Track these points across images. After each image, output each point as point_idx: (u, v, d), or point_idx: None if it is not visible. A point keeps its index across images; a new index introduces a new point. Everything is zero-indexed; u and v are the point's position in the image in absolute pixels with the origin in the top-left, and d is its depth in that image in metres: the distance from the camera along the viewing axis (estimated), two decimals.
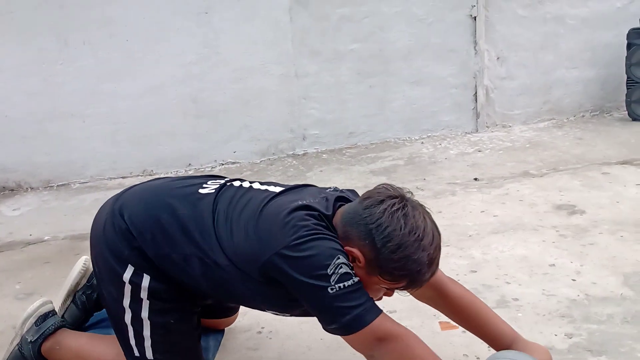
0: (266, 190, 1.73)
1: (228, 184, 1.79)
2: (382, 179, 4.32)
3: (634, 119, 5.40)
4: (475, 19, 5.42)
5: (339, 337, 1.50)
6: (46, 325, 1.86)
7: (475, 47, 5.50)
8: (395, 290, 1.67)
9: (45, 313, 1.90)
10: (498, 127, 5.72)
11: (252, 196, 1.70)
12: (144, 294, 1.70)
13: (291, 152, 5.41)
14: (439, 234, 1.62)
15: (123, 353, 1.81)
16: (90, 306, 2.14)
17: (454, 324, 2.15)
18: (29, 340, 1.84)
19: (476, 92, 5.60)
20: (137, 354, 1.77)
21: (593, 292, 2.30)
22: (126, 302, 1.71)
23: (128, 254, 1.70)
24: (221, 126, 5.32)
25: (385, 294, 1.68)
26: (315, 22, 5.27)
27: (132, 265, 1.69)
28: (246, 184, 1.78)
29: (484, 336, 1.84)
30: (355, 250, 1.54)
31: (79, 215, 4.24)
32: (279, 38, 5.26)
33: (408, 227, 1.52)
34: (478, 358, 1.93)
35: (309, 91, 5.39)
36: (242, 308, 2.39)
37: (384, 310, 1.41)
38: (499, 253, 2.77)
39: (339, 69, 5.40)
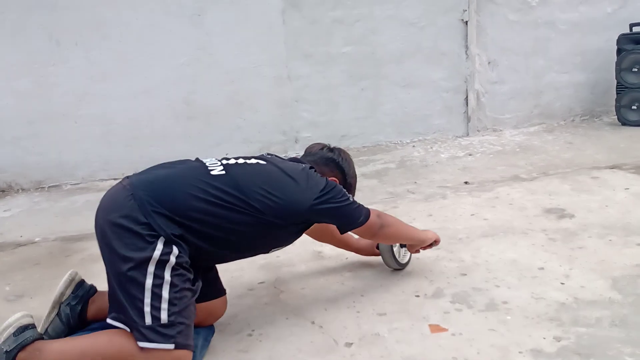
0: (258, 162, 2.20)
1: (224, 162, 2.14)
2: (374, 182, 4.33)
3: (624, 124, 5.44)
4: (466, 23, 5.45)
5: (329, 340, 1.50)
6: (24, 336, 1.85)
7: (466, 51, 5.53)
8: None
9: (25, 325, 1.89)
10: (489, 131, 5.75)
11: (259, 167, 2.17)
12: (172, 260, 1.87)
13: (283, 155, 5.40)
14: None
15: (126, 335, 1.84)
16: (74, 321, 2.16)
17: (444, 327, 2.16)
18: (4, 350, 1.83)
19: (467, 96, 5.63)
20: (149, 321, 1.82)
21: (582, 296, 2.31)
22: (151, 268, 1.84)
23: (163, 227, 1.89)
24: (213, 128, 5.32)
25: None
26: (308, 25, 5.29)
27: (164, 236, 1.88)
28: (240, 161, 2.19)
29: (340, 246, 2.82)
30: (333, 177, 2.32)
31: (70, 216, 4.23)
32: (272, 40, 5.27)
33: (350, 159, 2.49)
34: None
35: (301, 93, 5.40)
36: (230, 309, 2.40)
37: (375, 312, 1.40)
38: (488, 256, 2.78)
39: (331, 71, 5.42)
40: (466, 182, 4.11)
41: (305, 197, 2.08)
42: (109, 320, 1.91)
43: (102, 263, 1.96)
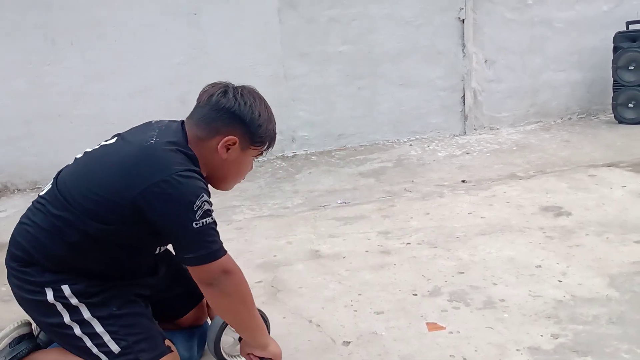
0: (102, 145, 1.85)
1: (60, 171, 1.86)
2: (371, 181, 4.33)
3: (620, 122, 5.45)
4: (463, 22, 5.45)
5: (327, 338, 1.51)
6: (20, 348, 1.83)
7: (463, 49, 5.53)
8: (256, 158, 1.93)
9: (22, 335, 1.87)
10: (486, 130, 5.75)
11: (94, 154, 1.81)
12: (74, 301, 1.72)
13: (280, 154, 5.41)
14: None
15: None
16: None
17: (441, 324, 2.16)
18: None
19: (464, 95, 5.63)
20: (105, 359, 1.73)
21: (579, 293, 2.31)
22: (67, 319, 1.72)
23: (35, 278, 1.72)
24: None
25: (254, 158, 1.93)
26: (304, 24, 5.28)
27: (46, 286, 1.71)
28: (79, 155, 1.88)
29: None
30: (228, 137, 1.77)
31: None
32: (268, 40, 5.26)
33: (256, 100, 1.82)
34: (465, 359, 1.94)
35: (298, 93, 5.40)
36: None
37: (372, 310, 1.41)
38: (486, 254, 2.78)
39: (328, 70, 5.41)
40: (463, 181, 4.11)
41: (132, 184, 1.62)
42: None
43: None
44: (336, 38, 5.36)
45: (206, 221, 1.62)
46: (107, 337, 1.72)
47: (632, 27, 5.44)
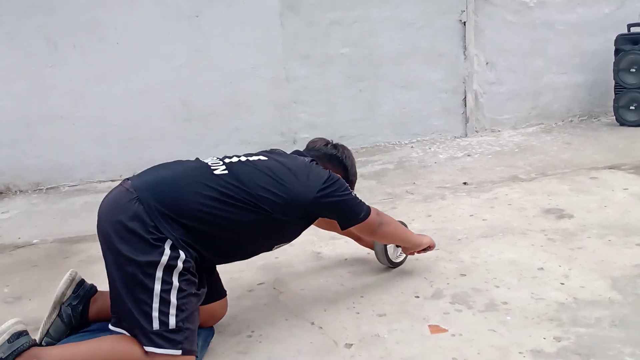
0: (260, 159, 2.21)
1: (227, 161, 2.16)
2: (372, 183, 4.33)
3: (622, 124, 5.45)
4: (464, 24, 5.45)
5: (329, 341, 1.50)
6: (19, 343, 1.82)
7: (464, 52, 5.53)
8: None
9: (19, 331, 1.87)
10: (487, 132, 5.75)
11: (261, 164, 2.17)
12: (179, 265, 1.87)
13: None
14: None
15: (130, 340, 1.83)
16: (76, 320, 2.13)
17: (444, 327, 2.16)
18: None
19: (465, 97, 5.63)
20: (156, 326, 1.82)
21: (581, 296, 2.31)
22: (159, 273, 1.84)
23: (168, 231, 1.89)
24: (211, 129, 5.31)
25: None
26: (306, 26, 5.28)
27: (170, 241, 1.88)
28: (243, 158, 2.20)
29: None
30: (336, 174, 2.28)
31: (68, 218, 4.22)
32: (270, 42, 5.27)
33: (352, 157, 2.54)
34: None
35: (299, 95, 5.40)
36: (229, 311, 2.39)
37: (375, 313, 1.40)
38: (488, 257, 2.78)
39: (329, 73, 5.41)
40: (465, 183, 4.11)
41: (308, 190, 2.10)
42: (111, 327, 1.90)
43: (101, 264, 1.95)
44: (337, 40, 5.36)
45: (351, 190, 2.25)
46: (173, 310, 1.85)
47: (633, 29, 5.44)
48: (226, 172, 2.06)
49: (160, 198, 1.92)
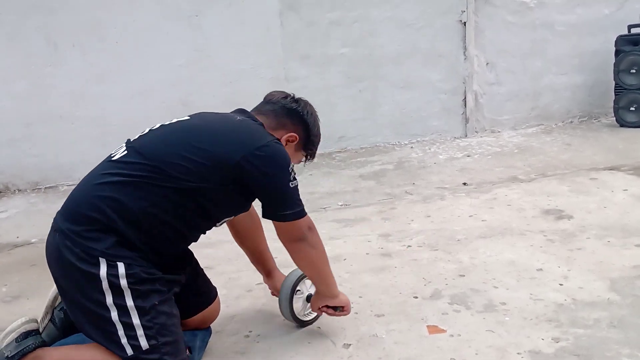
0: (179, 121, 1.99)
1: (135, 137, 1.97)
2: (372, 183, 4.33)
3: (622, 125, 5.45)
4: (464, 25, 5.45)
5: (327, 341, 1.50)
6: (26, 343, 1.82)
7: (464, 52, 5.53)
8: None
9: (28, 331, 1.87)
10: (487, 133, 5.75)
11: (176, 129, 1.94)
12: (124, 282, 1.72)
13: None
14: None
15: None
16: (68, 324, 2.10)
17: (442, 327, 2.16)
18: (6, 355, 1.80)
19: (465, 97, 5.63)
20: (130, 352, 1.74)
21: (580, 297, 2.31)
22: (109, 300, 1.72)
23: (97, 246, 1.73)
24: None
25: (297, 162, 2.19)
26: (305, 26, 5.28)
27: (102, 257, 1.72)
28: (155, 126, 2.00)
29: (254, 257, 2.41)
30: (293, 133, 2.07)
31: None
32: (270, 42, 5.27)
33: (317, 116, 2.22)
34: None
35: (299, 95, 5.35)
36: (227, 311, 2.39)
37: (373, 313, 1.41)
38: (486, 257, 2.78)
39: (329, 73, 5.41)
40: (464, 184, 4.11)
41: (235, 149, 1.81)
42: None
43: None
44: (337, 40, 5.36)
45: (296, 183, 1.89)
46: (140, 332, 1.74)
47: (633, 30, 5.44)
48: (125, 152, 1.88)
49: (68, 217, 1.80)
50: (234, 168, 1.80)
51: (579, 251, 2.77)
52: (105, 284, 1.71)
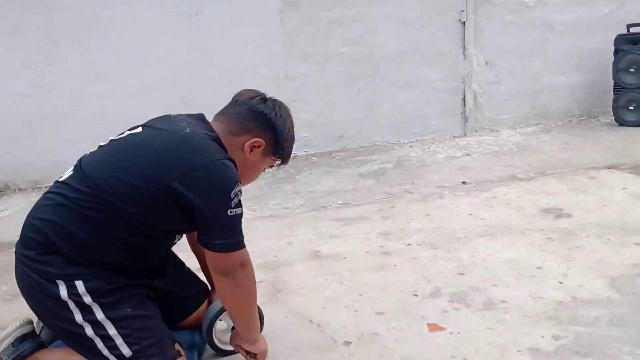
0: (130, 133, 1.83)
1: (80, 158, 1.84)
2: (371, 182, 4.33)
3: (621, 124, 5.45)
4: (464, 24, 5.46)
5: (328, 338, 1.51)
6: (23, 347, 1.81)
7: (464, 51, 5.54)
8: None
9: (25, 334, 1.85)
10: (486, 132, 5.75)
11: (126, 141, 1.80)
12: (88, 299, 1.68)
13: None
14: None
15: None
16: None
17: (442, 325, 2.16)
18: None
19: (464, 97, 5.63)
20: None
21: (580, 295, 2.31)
22: (79, 317, 1.68)
23: (52, 269, 1.68)
24: None
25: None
26: (306, 25, 5.28)
27: (59, 279, 1.67)
28: (102, 143, 1.86)
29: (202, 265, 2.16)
30: (257, 139, 1.85)
31: None
32: (270, 40, 5.27)
33: (288, 117, 1.97)
34: (465, 359, 1.95)
35: (299, 94, 5.40)
36: None
37: (373, 311, 1.42)
38: (486, 256, 2.78)
39: (329, 71, 5.41)
40: (464, 182, 4.11)
41: (168, 169, 1.65)
42: None
43: None
44: (337, 39, 5.37)
45: (238, 211, 1.67)
46: (119, 340, 1.70)
47: (632, 29, 5.45)
48: (71, 172, 1.79)
49: (21, 241, 1.76)
50: (167, 190, 1.64)
51: (579, 249, 2.77)
52: (71, 304, 1.68)
